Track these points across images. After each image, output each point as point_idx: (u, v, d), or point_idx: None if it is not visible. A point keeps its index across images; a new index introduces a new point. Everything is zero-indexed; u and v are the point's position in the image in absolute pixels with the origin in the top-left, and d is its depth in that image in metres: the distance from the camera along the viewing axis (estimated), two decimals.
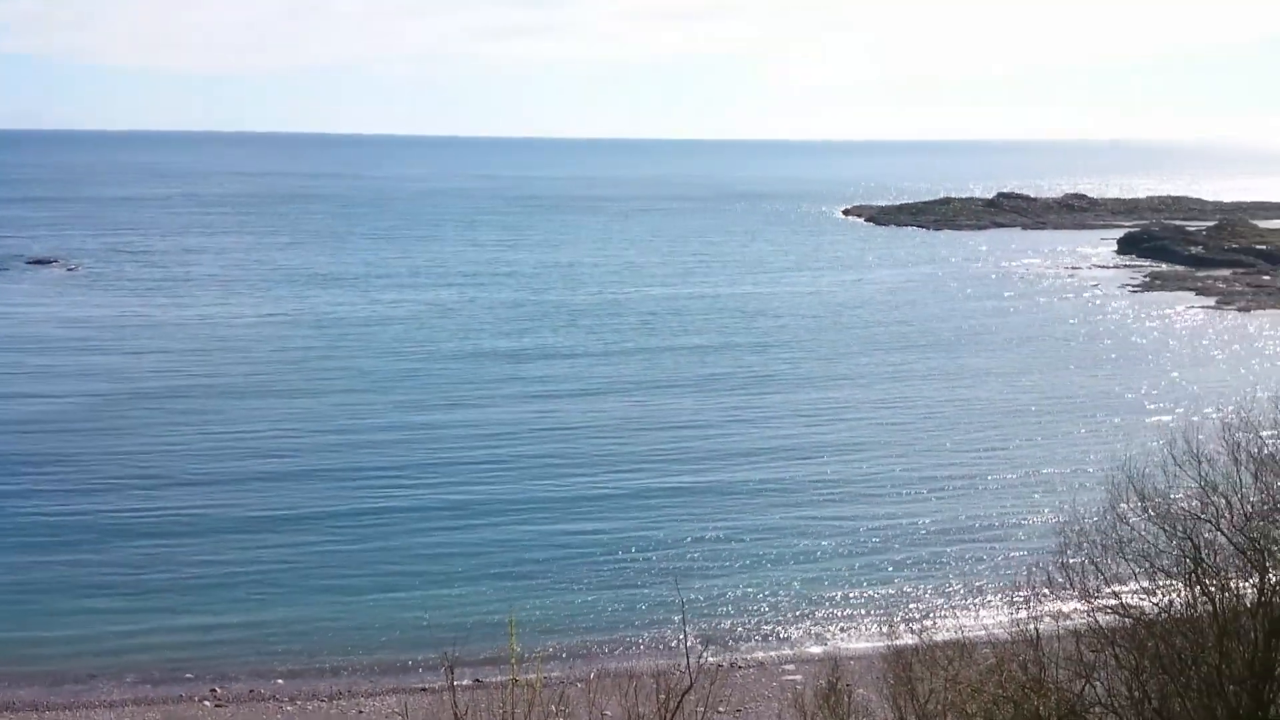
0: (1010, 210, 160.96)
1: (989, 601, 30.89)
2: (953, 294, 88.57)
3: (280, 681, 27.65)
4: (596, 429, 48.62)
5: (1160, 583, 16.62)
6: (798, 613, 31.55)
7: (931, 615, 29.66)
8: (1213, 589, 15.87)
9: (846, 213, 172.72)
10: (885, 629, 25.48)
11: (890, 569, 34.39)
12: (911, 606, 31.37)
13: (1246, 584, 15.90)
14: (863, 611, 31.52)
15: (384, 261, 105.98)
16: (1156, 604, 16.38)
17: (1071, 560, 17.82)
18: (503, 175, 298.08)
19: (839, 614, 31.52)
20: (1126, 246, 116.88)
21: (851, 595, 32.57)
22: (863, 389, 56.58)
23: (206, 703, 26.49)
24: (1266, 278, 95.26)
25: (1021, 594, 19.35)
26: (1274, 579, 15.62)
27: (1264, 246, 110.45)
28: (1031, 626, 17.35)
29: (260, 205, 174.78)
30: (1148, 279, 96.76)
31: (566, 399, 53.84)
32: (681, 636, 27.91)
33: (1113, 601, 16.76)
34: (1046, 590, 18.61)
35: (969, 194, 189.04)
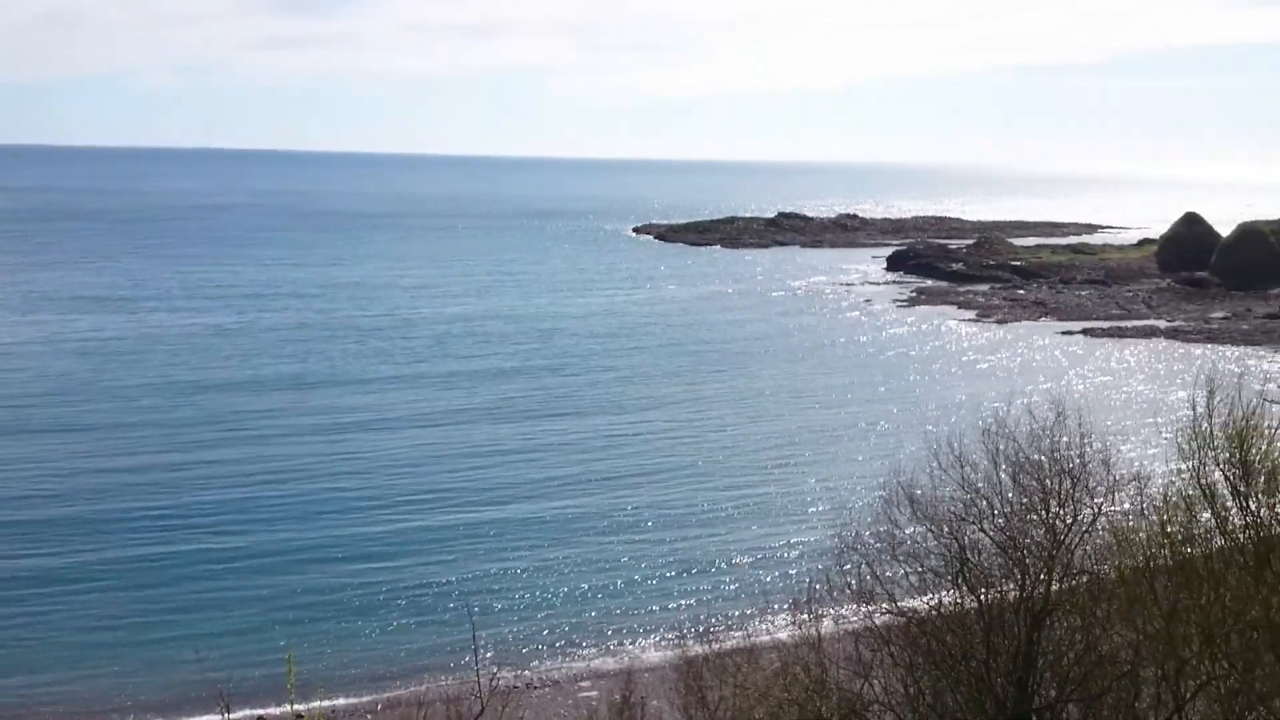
0: (789, 229, 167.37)
1: (775, 608, 31.75)
2: (740, 311, 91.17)
3: None
4: (387, 461, 46.61)
5: (931, 582, 17.52)
6: (594, 631, 31.68)
7: (722, 625, 30.26)
8: (978, 586, 16.85)
9: (636, 230, 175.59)
10: (677, 640, 25.87)
11: (684, 584, 34.97)
12: (703, 618, 31.82)
13: (1009, 581, 16.93)
14: (657, 625, 31.94)
15: (155, 281, 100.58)
16: (928, 603, 17.26)
17: (849, 564, 18.57)
18: (283, 190, 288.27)
19: (634, 629, 31.85)
20: (895, 263, 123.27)
21: (646, 611, 32.96)
22: (657, 409, 56.99)
23: None
24: (1021, 292, 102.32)
25: (804, 599, 19.98)
26: (1034, 575, 16.69)
27: (1018, 263, 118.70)
28: (814, 629, 17.96)
29: (19, 223, 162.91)
30: (915, 294, 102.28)
31: (355, 431, 51.37)
32: (474, 660, 27.48)
33: (888, 602, 17.55)
34: (827, 594, 19.32)
35: (751, 213, 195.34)
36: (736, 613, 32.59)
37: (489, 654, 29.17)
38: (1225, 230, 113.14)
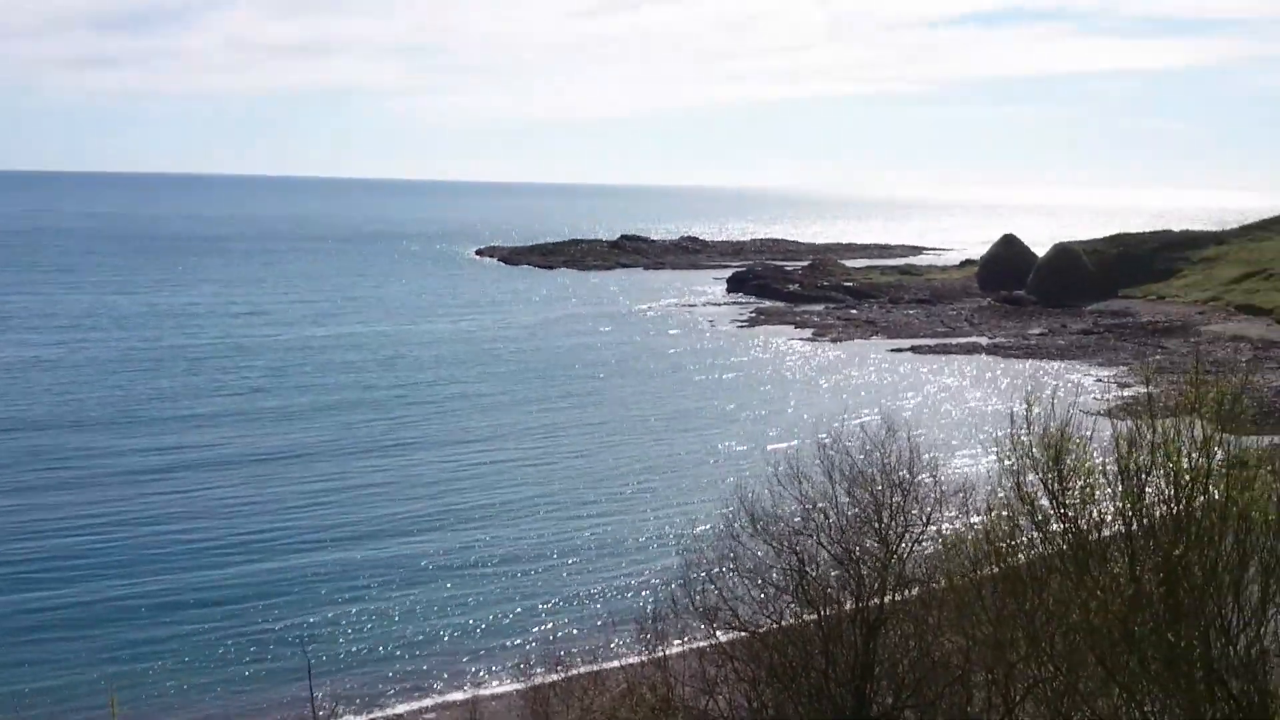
0: (633, 251, 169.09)
1: (623, 631, 31.71)
2: (589, 335, 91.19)
3: None
4: (220, 501, 43.71)
5: (772, 597, 17.86)
6: (441, 667, 30.85)
7: (570, 652, 30.06)
8: (817, 599, 17.25)
9: (479, 253, 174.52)
10: (525, 670, 25.63)
11: (534, 615, 34.29)
12: (552, 647, 31.45)
13: (845, 592, 17.39)
14: (505, 658, 31.27)
15: None
16: (770, 617, 17.58)
17: (695, 584, 18.76)
18: (103, 213, 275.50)
19: (482, 664, 31.10)
20: (735, 285, 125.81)
21: (496, 646, 32.21)
22: (506, 438, 55.59)
23: None
24: (854, 311, 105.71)
25: (651, 620, 20.07)
26: (868, 585, 17.18)
27: (850, 283, 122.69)
28: (660, 649, 18.05)
29: None
30: (755, 314, 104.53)
31: (186, 469, 47.92)
32: (311, 705, 26.56)
33: (732, 619, 17.79)
34: (673, 614, 19.47)
35: (595, 236, 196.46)
36: (585, 639, 32.19)
37: (330, 697, 28.18)
38: (1041, 251, 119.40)
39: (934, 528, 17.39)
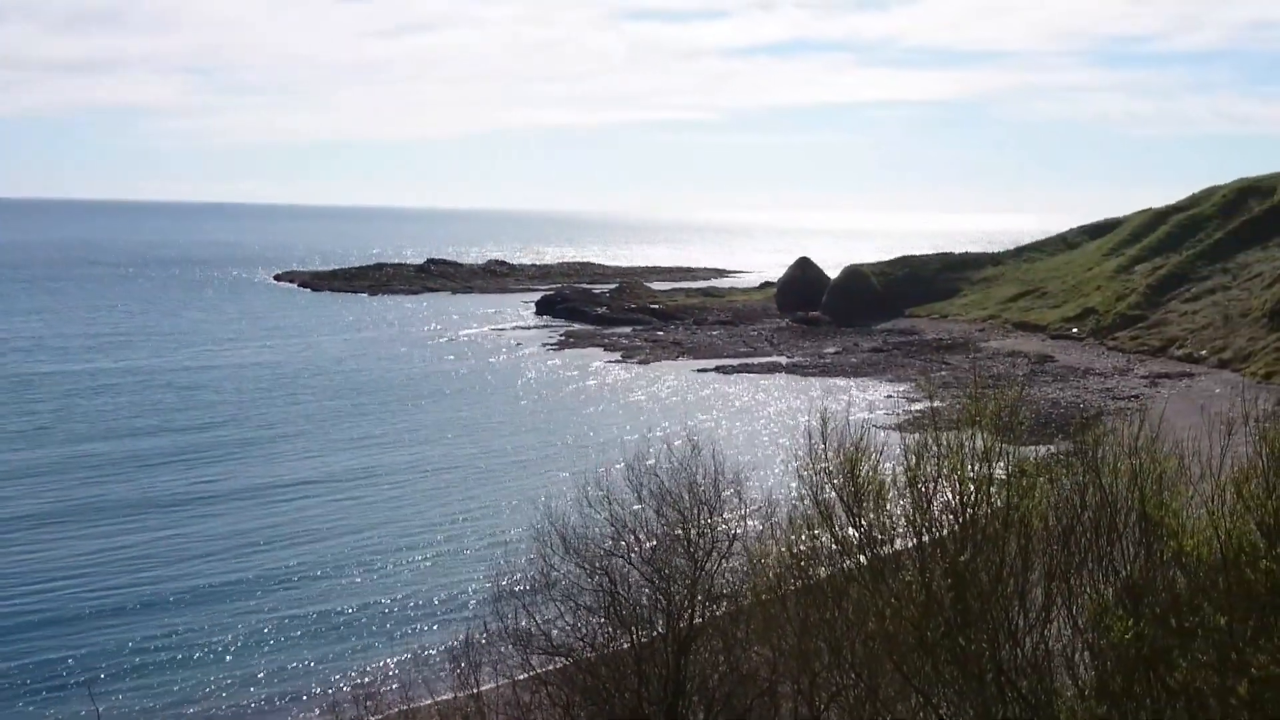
0: (440, 275, 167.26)
1: (435, 663, 31.13)
2: (399, 362, 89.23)
3: None
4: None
5: (585, 619, 17.93)
6: (237, 705, 29.57)
7: (382, 691, 29.24)
8: (629, 618, 17.42)
9: (279, 278, 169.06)
10: (334, 712, 24.87)
11: (345, 657, 33.12)
12: (364, 688, 30.43)
13: (657, 610, 17.63)
14: (314, 703, 30.14)
15: None
16: (582, 639, 17.65)
17: (507, 609, 18.66)
18: None
19: (291, 710, 29.90)
20: (544, 308, 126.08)
21: (304, 692, 31.03)
22: (315, 477, 53.14)
23: None
24: (660, 333, 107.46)
25: (464, 649, 19.82)
26: (679, 602, 17.47)
27: (657, 306, 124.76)
28: (473, 679, 17.85)
29: None
30: (564, 337, 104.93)
31: None
32: None
33: (545, 643, 17.77)
34: (486, 642, 19.29)
35: (400, 260, 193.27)
36: (399, 678, 31.09)
37: None
38: (833, 273, 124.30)
39: (740, 543, 17.82)
